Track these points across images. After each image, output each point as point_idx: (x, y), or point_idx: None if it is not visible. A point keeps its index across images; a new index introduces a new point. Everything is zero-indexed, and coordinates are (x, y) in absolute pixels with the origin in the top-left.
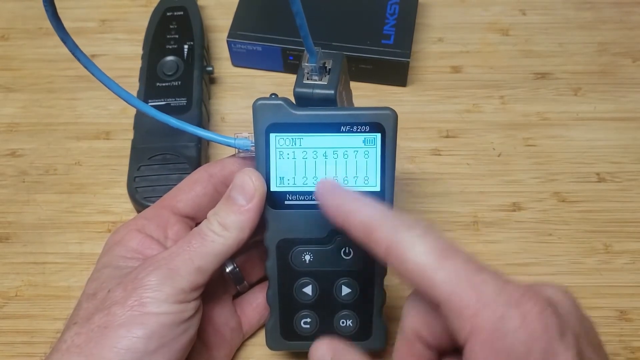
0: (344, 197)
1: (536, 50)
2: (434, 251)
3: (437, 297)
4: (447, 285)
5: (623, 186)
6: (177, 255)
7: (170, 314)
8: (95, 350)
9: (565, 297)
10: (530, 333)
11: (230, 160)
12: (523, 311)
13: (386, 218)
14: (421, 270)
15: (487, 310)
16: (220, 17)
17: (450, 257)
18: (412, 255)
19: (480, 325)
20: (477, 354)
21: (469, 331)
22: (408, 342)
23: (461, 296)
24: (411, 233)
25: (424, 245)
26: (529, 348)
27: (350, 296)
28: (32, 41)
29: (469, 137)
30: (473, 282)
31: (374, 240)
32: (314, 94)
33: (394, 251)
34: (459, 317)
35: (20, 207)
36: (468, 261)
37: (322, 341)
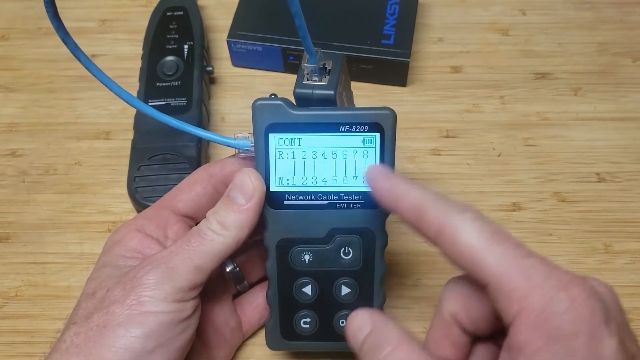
0: (395, 180)
1: (536, 50)
2: (485, 234)
3: (487, 279)
4: (497, 267)
5: (623, 186)
6: (176, 254)
7: (168, 313)
8: (94, 350)
9: (608, 290)
10: (577, 316)
11: (230, 160)
12: (571, 295)
13: (438, 201)
14: (472, 252)
15: (536, 292)
16: (220, 17)
17: (501, 241)
18: (464, 238)
19: (528, 306)
20: (524, 334)
21: (517, 311)
22: (445, 324)
23: (511, 278)
24: (463, 216)
25: (475, 228)
26: (575, 330)
27: (349, 296)
28: (32, 41)
29: (469, 137)
30: (523, 266)
31: (425, 222)
32: (313, 95)
33: (445, 233)
34: (507, 298)
35: (20, 207)
36: (518, 246)
37: (361, 311)
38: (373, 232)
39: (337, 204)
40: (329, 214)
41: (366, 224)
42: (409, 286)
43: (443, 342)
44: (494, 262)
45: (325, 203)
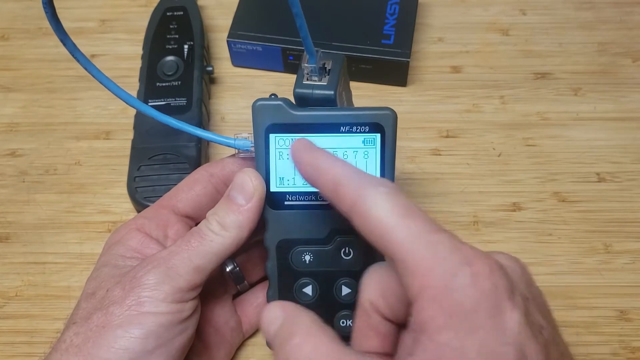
0: (317, 155)
1: (536, 50)
2: (396, 209)
3: (395, 255)
4: (405, 243)
5: (623, 186)
6: (176, 254)
7: (168, 313)
8: (93, 350)
9: (516, 264)
10: (479, 291)
11: (230, 160)
12: (475, 270)
13: (354, 174)
14: (382, 227)
15: (439, 267)
16: (220, 17)
17: (411, 217)
18: (375, 211)
19: (430, 282)
20: (425, 310)
21: (420, 287)
22: (365, 314)
23: (416, 253)
24: (377, 190)
25: (387, 202)
26: (476, 305)
27: (350, 296)
28: (32, 41)
29: (469, 137)
30: (430, 240)
31: (341, 195)
32: (313, 95)
33: (358, 207)
34: (412, 274)
35: (20, 207)
36: (427, 222)
37: (274, 303)
38: None
39: None
40: (330, 215)
41: None
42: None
43: (367, 332)
44: (402, 236)
45: (326, 203)
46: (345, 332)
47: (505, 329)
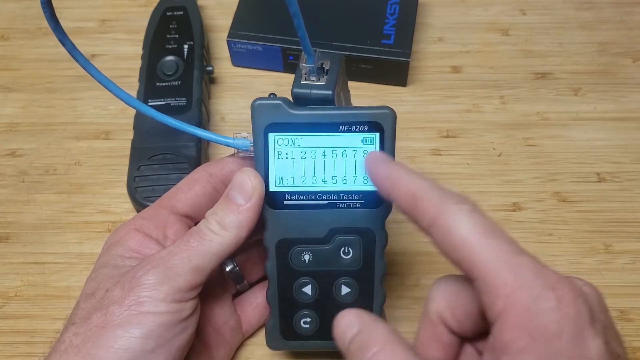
0: (393, 166)
1: (536, 50)
2: (479, 228)
3: (476, 273)
4: (487, 262)
5: (623, 186)
6: (175, 254)
7: (167, 313)
8: (92, 351)
9: (593, 290)
10: (563, 315)
11: (229, 160)
12: (558, 294)
13: (434, 189)
14: (465, 245)
15: (523, 290)
16: (220, 17)
17: (494, 236)
18: (457, 229)
19: (514, 304)
20: (508, 332)
21: (502, 309)
22: (431, 325)
23: (499, 274)
24: (459, 207)
25: (470, 221)
26: (560, 329)
27: (349, 296)
28: (32, 41)
29: (469, 137)
30: (513, 262)
31: (420, 210)
32: (311, 95)
33: (439, 222)
34: (494, 294)
35: (20, 207)
36: (510, 242)
37: (349, 311)
38: (373, 231)
39: (336, 204)
40: (329, 214)
41: (366, 223)
42: (409, 286)
43: (431, 342)
44: (485, 257)
45: (325, 203)
46: None
47: (588, 356)
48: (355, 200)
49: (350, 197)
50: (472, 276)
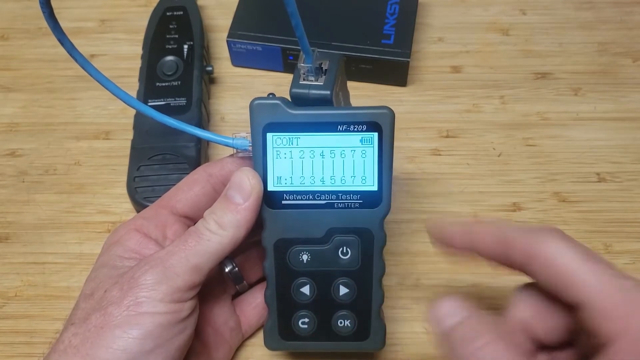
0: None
1: (536, 50)
2: (578, 255)
3: (582, 297)
4: (595, 287)
5: (623, 186)
6: (173, 254)
7: (166, 313)
8: (91, 351)
9: None
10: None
11: (229, 160)
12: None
13: (519, 229)
14: (568, 273)
15: (637, 313)
16: (220, 17)
17: (595, 262)
18: (559, 258)
19: (629, 326)
20: (624, 354)
21: (617, 332)
22: (509, 330)
23: (611, 297)
24: (553, 237)
25: (569, 249)
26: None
27: (348, 296)
28: (32, 41)
29: (469, 137)
30: (622, 286)
31: (513, 249)
32: (309, 95)
33: (538, 256)
34: (606, 317)
35: (20, 207)
36: (610, 265)
37: (449, 297)
38: (371, 232)
39: (335, 204)
40: (327, 214)
41: (364, 223)
42: (409, 286)
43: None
44: (592, 282)
45: (324, 203)
46: (343, 332)
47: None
48: (353, 200)
49: (348, 197)
50: (577, 301)
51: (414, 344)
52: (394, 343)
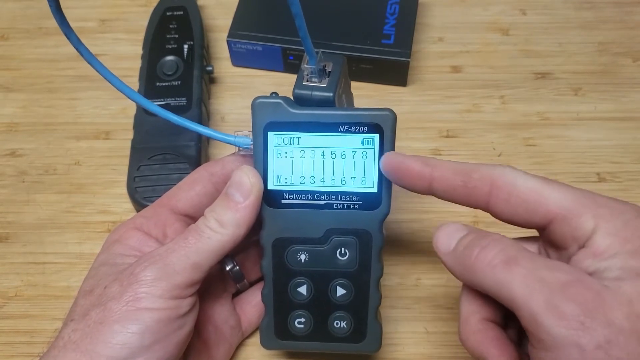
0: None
1: (536, 50)
2: (538, 179)
3: (552, 212)
4: (562, 199)
5: (623, 186)
6: (173, 251)
7: (165, 309)
8: (91, 346)
9: None
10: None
11: (230, 159)
12: (633, 208)
13: (475, 163)
14: (532, 193)
15: (605, 208)
16: (220, 16)
17: (552, 182)
18: (522, 181)
19: (605, 218)
20: (606, 239)
21: (595, 225)
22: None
23: (578, 201)
24: (510, 168)
25: (527, 175)
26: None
27: (345, 297)
28: (32, 41)
29: (469, 137)
30: (583, 194)
31: (476, 179)
32: (312, 96)
33: (501, 182)
34: (580, 218)
35: (20, 207)
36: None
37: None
38: (370, 233)
39: (334, 205)
40: (326, 214)
41: (363, 225)
42: (409, 286)
43: (482, 339)
44: (557, 195)
45: (323, 203)
46: (339, 333)
47: None
48: (353, 201)
49: (348, 198)
50: (549, 216)
51: (414, 344)
52: (394, 343)
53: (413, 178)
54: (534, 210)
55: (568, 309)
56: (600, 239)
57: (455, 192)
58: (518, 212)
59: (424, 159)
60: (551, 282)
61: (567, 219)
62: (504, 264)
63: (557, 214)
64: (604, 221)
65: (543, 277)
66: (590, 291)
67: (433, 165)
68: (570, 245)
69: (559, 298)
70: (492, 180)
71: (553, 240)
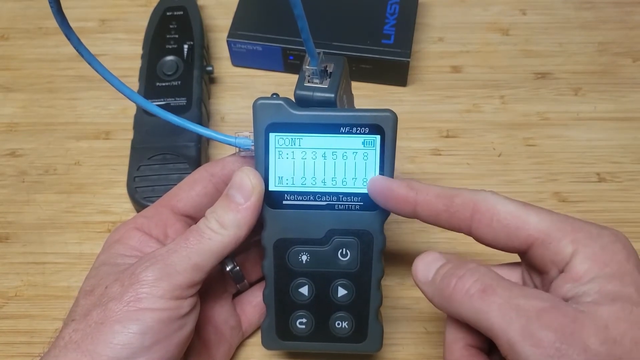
0: (409, 180)
1: (536, 50)
2: (518, 204)
3: (532, 236)
4: (541, 223)
5: (623, 186)
6: (174, 252)
7: (166, 310)
8: (91, 346)
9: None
10: (623, 247)
11: (231, 160)
12: (612, 233)
13: (457, 188)
14: (513, 217)
15: (584, 231)
16: (220, 16)
17: (532, 207)
18: (502, 206)
19: (584, 243)
20: (584, 265)
21: (574, 250)
22: (453, 351)
23: (558, 226)
24: (491, 193)
25: (508, 200)
26: (627, 255)
27: (346, 298)
28: (32, 41)
29: (469, 137)
30: (561, 218)
31: (459, 204)
32: (314, 97)
33: (482, 207)
34: (560, 243)
35: (20, 207)
36: (548, 210)
37: (429, 252)
38: (371, 234)
39: (335, 205)
40: (328, 215)
41: (364, 226)
42: (409, 286)
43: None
44: (537, 220)
45: (324, 204)
46: (340, 333)
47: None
48: (354, 202)
49: (349, 199)
50: (529, 240)
51: (414, 344)
52: (394, 343)
53: (399, 202)
54: (515, 234)
55: (544, 336)
56: (578, 264)
57: (439, 217)
58: (499, 236)
59: (409, 183)
60: (527, 309)
61: (546, 243)
62: (481, 292)
63: (536, 238)
64: (582, 245)
65: (519, 305)
66: (566, 317)
67: (417, 190)
68: (551, 269)
69: (535, 326)
70: (473, 204)
71: (534, 264)
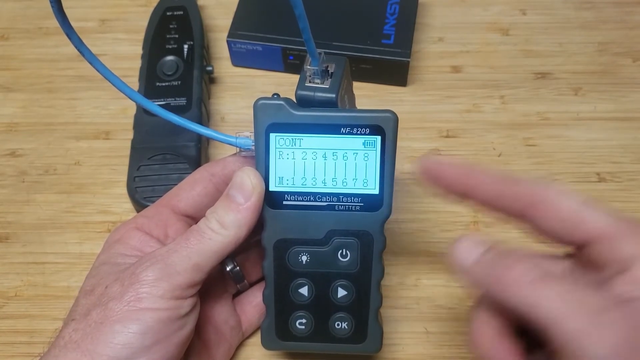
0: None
1: (536, 50)
2: (581, 199)
3: (593, 232)
4: (605, 222)
5: (623, 186)
6: (175, 252)
7: (166, 310)
8: (91, 346)
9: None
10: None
11: (231, 160)
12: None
13: (518, 177)
14: (575, 213)
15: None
16: (220, 16)
17: (596, 205)
18: (564, 201)
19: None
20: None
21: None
22: (483, 334)
23: (618, 229)
24: (554, 185)
25: (571, 194)
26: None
27: (346, 298)
28: (32, 41)
29: (469, 137)
30: (626, 218)
31: (514, 192)
32: (315, 97)
33: (542, 199)
34: (618, 243)
35: (20, 207)
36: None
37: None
38: (371, 234)
39: (336, 206)
40: (328, 216)
41: (364, 226)
42: (409, 286)
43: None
44: (600, 218)
45: (324, 204)
46: (340, 334)
47: None
48: (354, 203)
49: (349, 200)
50: (589, 237)
51: (414, 344)
52: (394, 343)
53: (449, 186)
54: (576, 229)
55: (613, 332)
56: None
57: (490, 203)
58: (556, 229)
59: (463, 166)
60: (589, 304)
61: (608, 241)
62: (536, 281)
63: (598, 236)
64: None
65: (580, 298)
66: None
67: (471, 173)
68: (608, 268)
69: (604, 320)
70: (535, 196)
71: (591, 259)
